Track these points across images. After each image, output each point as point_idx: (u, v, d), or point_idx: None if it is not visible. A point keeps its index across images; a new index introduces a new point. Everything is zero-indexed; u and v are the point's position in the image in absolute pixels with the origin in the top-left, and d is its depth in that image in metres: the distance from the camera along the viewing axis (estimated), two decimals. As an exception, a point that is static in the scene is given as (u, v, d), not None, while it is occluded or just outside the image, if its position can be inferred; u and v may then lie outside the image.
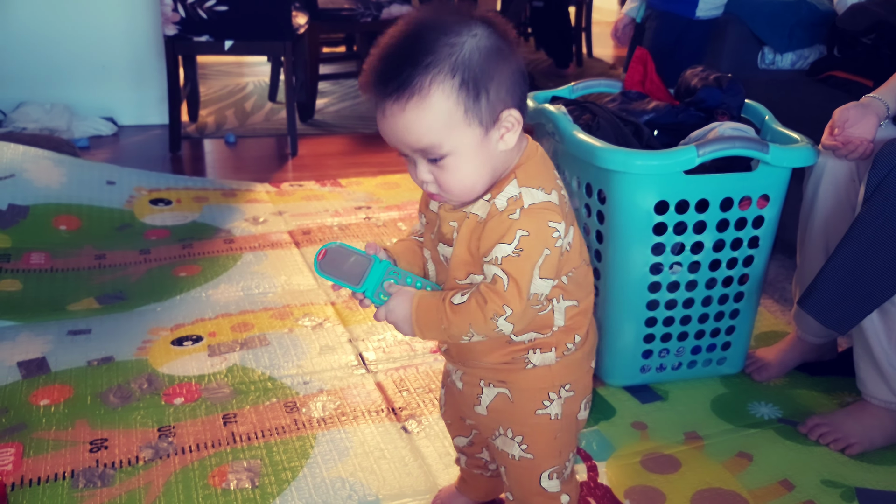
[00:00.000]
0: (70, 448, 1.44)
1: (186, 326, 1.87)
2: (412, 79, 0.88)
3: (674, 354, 1.68)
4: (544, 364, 1.04)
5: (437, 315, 0.98)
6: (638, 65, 1.92)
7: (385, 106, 0.91)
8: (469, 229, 0.98)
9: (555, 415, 1.06)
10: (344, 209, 2.62)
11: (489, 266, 0.95)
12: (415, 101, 0.89)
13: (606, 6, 7.37)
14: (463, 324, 0.96)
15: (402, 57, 0.89)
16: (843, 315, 1.46)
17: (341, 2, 3.83)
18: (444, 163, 0.93)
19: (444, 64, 0.89)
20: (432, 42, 0.89)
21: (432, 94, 0.89)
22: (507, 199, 0.95)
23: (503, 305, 0.94)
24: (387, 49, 0.91)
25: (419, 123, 0.90)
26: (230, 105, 3.97)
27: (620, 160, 1.46)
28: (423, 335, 1.00)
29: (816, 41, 2.46)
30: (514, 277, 0.93)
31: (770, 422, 1.58)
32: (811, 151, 1.53)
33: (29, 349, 1.75)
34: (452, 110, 0.90)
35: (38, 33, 3.35)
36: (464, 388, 1.10)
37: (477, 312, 0.95)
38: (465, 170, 0.94)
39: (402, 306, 1.00)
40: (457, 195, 0.96)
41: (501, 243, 0.93)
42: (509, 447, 1.08)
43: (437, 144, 0.92)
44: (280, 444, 1.47)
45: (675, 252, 1.56)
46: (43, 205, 2.35)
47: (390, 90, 0.89)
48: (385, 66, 0.90)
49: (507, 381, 1.05)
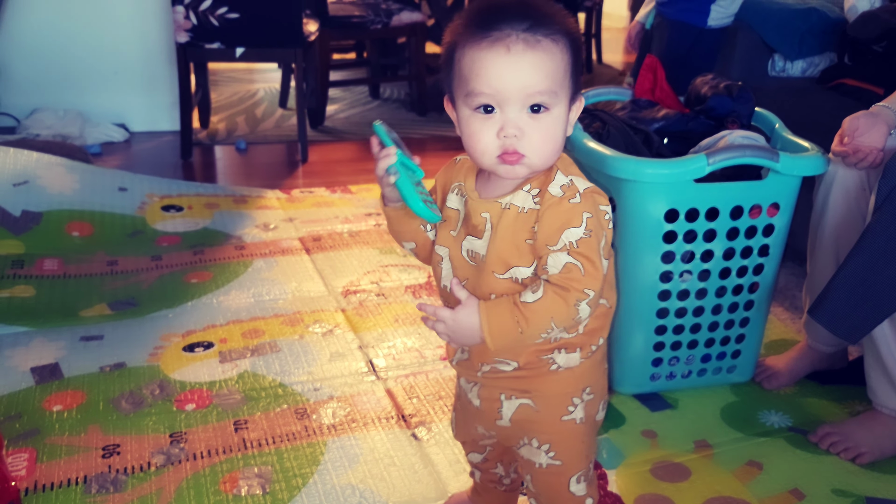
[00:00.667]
0: (83, 454, 1.45)
1: (198, 333, 1.88)
2: (543, 22, 0.91)
3: (684, 362, 1.68)
4: (568, 366, 1.03)
5: (511, 319, 0.93)
6: (648, 73, 1.92)
7: (512, 40, 0.90)
8: (512, 221, 0.96)
9: (580, 419, 1.05)
10: (354, 216, 2.63)
11: (559, 255, 0.93)
12: (547, 42, 0.91)
13: (616, 12, 7.38)
14: (543, 320, 0.93)
15: (531, 4, 0.92)
16: (854, 325, 1.45)
17: (352, 9, 3.85)
18: (544, 117, 0.92)
19: (566, 22, 0.93)
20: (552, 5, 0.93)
21: (559, 41, 0.92)
22: (560, 187, 0.95)
23: (584, 290, 0.92)
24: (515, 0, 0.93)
25: (547, 64, 0.91)
26: (241, 111, 4.00)
27: (631, 169, 1.46)
28: (494, 342, 0.95)
29: (827, 49, 2.46)
30: (591, 258, 0.93)
31: (780, 430, 1.58)
32: (821, 160, 1.53)
33: (42, 355, 1.76)
34: (568, 63, 0.93)
35: (52, 41, 3.38)
36: (482, 405, 1.08)
37: (558, 303, 0.92)
38: (558, 129, 0.95)
39: (469, 315, 0.95)
40: (541, 154, 0.94)
41: (571, 228, 0.93)
42: (536, 456, 1.07)
43: (553, 91, 0.92)
44: (291, 451, 1.48)
45: (685, 260, 1.57)
46: (56, 211, 2.37)
47: (527, 24, 0.90)
48: (512, 4, 0.92)
49: (531, 389, 1.04)
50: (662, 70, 1.91)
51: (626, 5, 7.37)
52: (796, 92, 2.33)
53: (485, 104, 0.92)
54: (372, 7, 3.86)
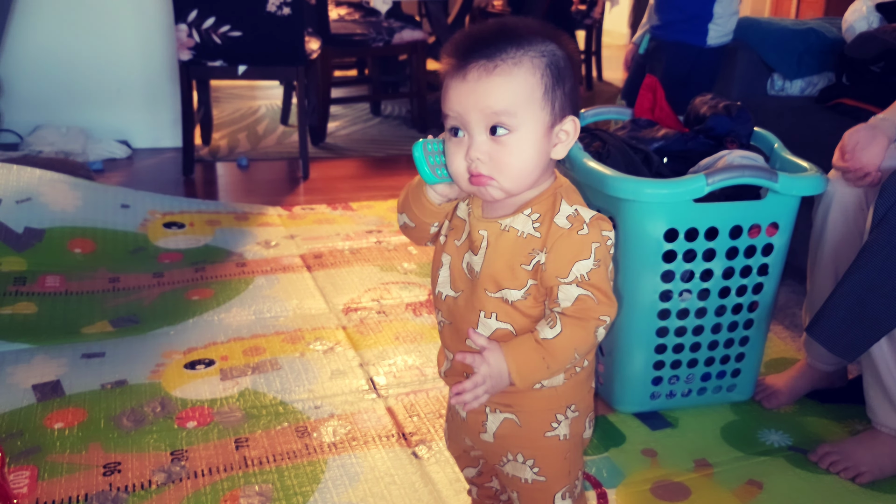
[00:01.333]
0: (84, 471, 1.46)
1: (199, 350, 1.89)
2: (506, 49, 0.93)
3: (684, 381, 1.68)
4: (552, 385, 1.04)
5: (536, 359, 0.96)
6: (647, 92, 1.94)
7: (469, 69, 0.93)
8: (510, 244, 0.98)
9: (563, 435, 1.07)
10: (355, 233, 2.64)
11: (571, 287, 0.95)
12: (505, 66, 0.92)
13: (616, 30, 7.42)
14: (567, 352, 0.96)
15: (499, 34, 0.94)
16: (851, 342, 1.46)
17: (353, 27, 3.87)
18: (506, 139, 0.94)
19: (538, 47, 0.94)
20: (527, 32, 0.95)
21: (522, 65, 0.93)
22: (566, 217, 0.96)
23: (600, 317, 0.95)
24: (483, 27, 0.96)
25: (503, 87, 0.92)
26: (243, 128, 4.02)
27: (630, 188, 1.47)
28: (524, 382, 0.97)
29: (825, 68, 2.48)
30: (601, 288, 0.95)
31: (780, 449, 1.58)
32: (820, 180, 1.54)
33: (44, 372, 1.77)
34: (535, 85, 0.94)
35: (55, 57, 3.40)
36: (468, 417, 1.10)
37: (578, 334, 0.95)
38: (523, 152, 0.95)
39: (497, 365, 0.96)
40: (508, 176, 0.95)
41: (581, 260, 0.95)
42: (520, 472, 1.08)
43: (512, 112, 0.93)
44: (291, 469, 1.48)
45: (684, 279, 1.57)
46: (58, 228, 2.38)
47: (481, 55, 0.93)
48: (479, 37, 0.94)
49: (513, 404, 1.05)
50: (662, 90, 1.92)
51: (626, 23, 7.42)
52: (795, 111, 2.35)
53: (452, 126, 0.96)
54: (373, 25, 3.89)
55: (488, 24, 0.97)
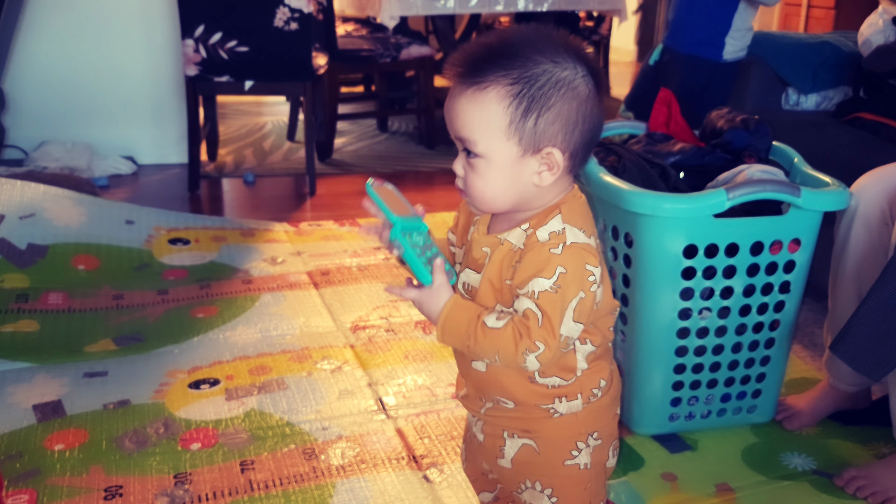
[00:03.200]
0: (84, 495, 1.41)
1: (204, 369, 1.84)
2: (481, 70, 0.91)
3: (703, 402, 1.63)
4: (571, 412, 1.00)
5: (465, 329, 0.94)
6: (662, 106, 1.90)
7: (452, 86, 0.93)
8: (501, 256, 0.96)
9: (584, 464, 1.02)
10: (363, 249, 2.60)
11: (523, 299, 0.92)
12: (473, 90, 0.91)
13: (624, 47, 7.41)
14: (490, 349, 0.92)
15: (489, 50, 0.92)
16: (877, 361, 1.41)
17: (361, 43, 3.85)
18: (475, 162, 0.93)
19: (514, 71, 0.90)
20: (518, 50, 0.91)
21: (488, 91, 0.91)
22: (549, 233, 0.93)
23: (536, 342, 0.90)
24: (482, 41, 0.94)
25: (468, 113, 0.92)
26: (249, 144, 3.99)
27: (649, 203, 1.43)
28: (442, 339, 0.97)
29: (841, 82, 2.44)
30: (549, 314, 0.90)
31: (804, 473, 1.53)
32: (844, 195, 1.50)
33: (45, 392, 1.72)
34: (499, 116, 0.91)
35: (60, 73, 3.39)
36: (485, 441, 1.06)
37: (509, 343, 0.91)
38: (489, 179, 0.93)
39: (434, 302, 0.96)
40: (473, 199, 0.96)
41: (540, 277, 0.90)
42: (537, 500, 1.04)
43: (473, 139, 0.92)
44: (298, 493, 1.43)
45: (704, 297, 1.53)
46: (62, 244, 2.34)
47: (462, 71, 0.92)
48: (472, 53, 0.93)
49: (532, 430, 1.01)
50: (677, 103, 1.88)
51: (633, 40, 7.41)
52: (811, 126, 2.31)
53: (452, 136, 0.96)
54: (381, 41, 3.87)
55: (489, 37, 0.94)
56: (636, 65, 7.29)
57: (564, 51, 0.92)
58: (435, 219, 2.90)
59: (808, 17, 5.47)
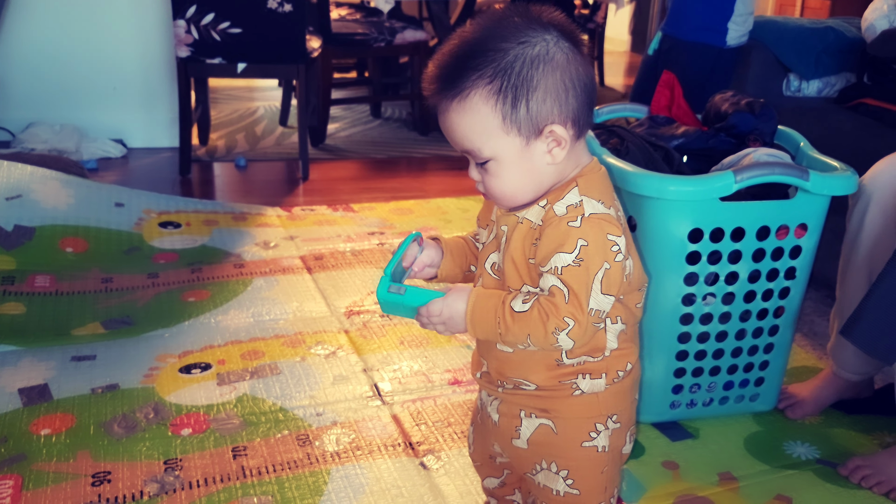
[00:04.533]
0: (71, 481, 1.37)
1: (195, 353, 1.80)
2: (457, 79, 0.89)
3: (705, 390, 1.60)
4: (592, 391, 0.97)
5: (493, 317, 0.91)
6: (665, 89, 1.86)
7: (437, 102, 0.92)
8: (522, 235, 0.94)
9: (602, 447, 0.99)
10: (357, 235, 2.56)
11: (548, 276, 0.89)
12: (457, 102, 0.90)
13: (618, 37, 7.38)
14: (521, 333, 0.90)
15: (456, 57, 0.90)
16: (891, 345, 1.38)
17: (355, 27, 3.80)
18: (488, 167, 0.92)
19: (487, 69, 0.88)
20: (483, 46, 0.89)
21: (471, 97, 0.89)
22: (566, 207, 0.90)
23: (564, 318, 0.88)
24: (448, 49, 0.92)
25: (461, 125, 0.91)
26: (241, 129, 3.93)
27: (654, 186, 1.39)
28: (475, 333, 0.94)
29: (843, 68, 2.41)
30: (574, 289, 0.88)
31: (808, 462, 1.50)
32: (852, 179, 1.46)
33: (31, 375, 1.68)
34: (490, 116, 0.89)
35: (50, 54, 3.32)
36: (500, 421, 1.03)
37: (538, 324, 0.89)
38: (506, 177, 0.92)
39: (458, 302, 0.94)
40: (499, 200, 0.96)
41: (561, 252, 0.88)
42: (553, 482, 1.01)
43: (476, 149, 0.91)
44: (292, 480, 1.40)
45: (708, 283, 1.49)
46: (49, 226, 2.29)
47: (439, 87, 0.91)
48: (441, 65, 0.91)
49: (551, 409, 0.98)
50: (679, 87, 1.85)
51: (627, 30, 7.38)
52: (814, 112, 2.27)
53: None
54: (375, 25, 3.82)
55: (450, 44, 0.92)
56: (630, 55, 7.25)
57: (528, 27, 0.89)
58: (430, 205, 2.86)
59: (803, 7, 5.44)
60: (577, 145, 0.94)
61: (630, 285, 0.97)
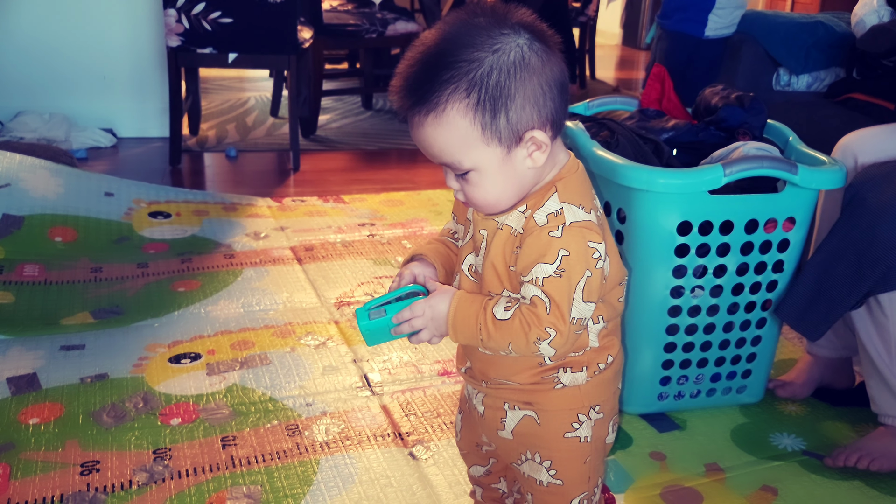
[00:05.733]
0: (60, 470, 1.37)
1: (184, 343, 1.80)
2: (430, 94, 0.86)
3: (693, 382, 1.61)
4: (574, 384, 0.98)
5: (475, 322, 0.91)
6: (655, 82, 1.87)
7: (409, 118, 0.89)
8: (502, 241, 0.93)
9: (584, 437, 1.00)
10: (347, 226, 2.56)
11: (529, 286, 0.89)
12: (432, 117, 0.87)
13: (609, 30, 7.38)
14: (502, 340, 0.90)
15: (425, 68, 0.87)
16: (813, 322, 1.48)
17: (347, 17, 3.79)
18: (469, 177, 0.91)
19: (462, 81, 0.85)
20: (454, 56, 0.86)
21: (448, 112, 0.86)
22: (546, 215, 0.89)
23: (546, 329, 0.88)
24: (414, 58, 0.88)
25: (438, 140, 0.88)
26: (231, 119, 3.92)
27: (643, 178, 1.40)
28: (456, 338, 0.94)
29: (833, 63, 2.42)
30: (556, 300, 0.87)
31: (794, 454, 1.52)
32: (840, 172, 1.47)
33: (19, 364, 1.67)
34: (469, 129, 0.87)
35: (39, 42, 3.30)
36: (485, 413, 1.03)
37: (519, 333, 0.89)
38: (488, 186, 0.90)
39: (441, 303, 0.94)
40: (482, 208, 0.94)
41: (542, 263, 0.88)
42: (537, 472, 1.01)
43: (456, 161, 0.89)
44: (281, 469, 1.40)
45: (697, 275, 1.50)
46: (38, 215, 2.28)
47: (412, 102, 0.87)
48: (410, 76, 0.88)
49: (534, 402, 0.99)
50: (670, 80, 1.85)
51: (618, 23, 7.38)
52: (803, 106, 2.28)
53: None
54: (367, 16, 3.81)
55: (416, 53, 0.88)
56: (621, 48, 7.26)
57: (498, 31, 0.86)
58: (420, 196, 2.86)
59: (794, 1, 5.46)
60: (555, 144, 0.92)
61: (608, 284, 0.96)
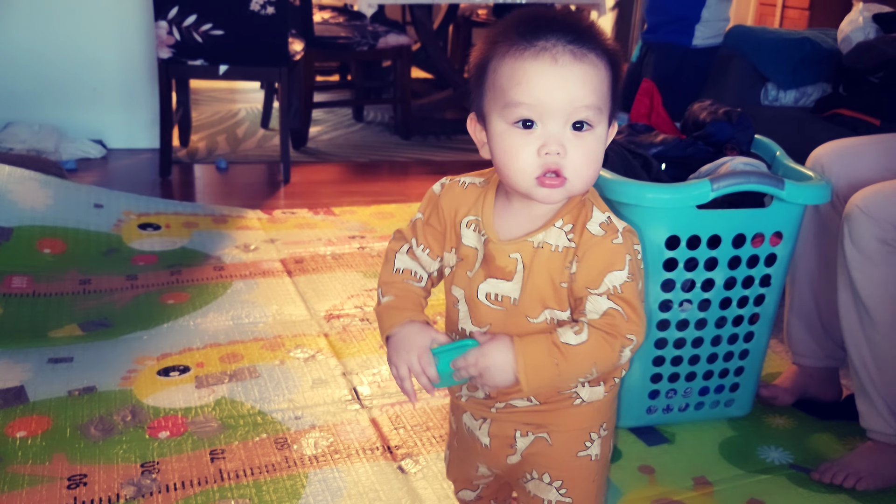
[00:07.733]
0: (47, 484, 1.36)
1: (173, 356, 1.80)
2: (591, 35, 0.86)
3: (681, 395, 1.62)
4: (592, 399, 0.97)
5: (550, 358, 0.86)
6: (644, 97, 1.89)
7: (559, 50, 0.84)
8: (546, 260, 0.90)
9: (595, 455, 0.99)
10: (337, 238, 2.56)
11: (598, 298, 0.87)
12: (593, 56, 0.86)
13: (599, 42, 7.39)
14: (585, 364, 0.87)
15: (571, 16, 0.88)
16: None
17: (338, 30, 3.80)
18: (588, 136, 0.86)
19: (609, 43, 0.88)
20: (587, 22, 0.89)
21: (603, 59, 0.87)
22: (599, 225, 0.89)
23: (627, 335, 0.87)
24: (548, 8, 0.89)
25: (594, 79, 0.86)
26: (222, 131, 3.92)
27: (632, 193, 1.41)
28: (528, 381, 0.87)
29: (820, 79, 2.44)
30: (632, 304, 0.88)
31: (781, 467, 1.52)
32: (827, 188, 1.49)
33: (7, 377, 1.67)
34: (611, 82, 0.88)
35: (29, 53, 3.29)
36: (492, 443, 1.00)
37: (604, 349, 0.87)
38: (598, 151, 0.88)
39: (496, 353, 0.87)
40: (579, 177, 0.86)
41: (614, 271, 0.88)
42: (544, 492, 1.00)
43: (599, 107, 0.86)
44: (270, 483, 1.40)
45: (685, 289, 1.51)
46: (27, 227, 2.27)
47: (572, 36, 0.85)
48: (557, 16, 0.87)
49: (548, 423, 0.97)
50: (659, 95, 1.87)
51: (610, 29, 7.41)
52: (790, 121, 2.30)
53: (525, 118, 0.85)
54: (358, 29, 3.82)
55: (549, 6, 0.90)
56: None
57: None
58: (411, 209, 2.87)
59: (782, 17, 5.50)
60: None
61: None
